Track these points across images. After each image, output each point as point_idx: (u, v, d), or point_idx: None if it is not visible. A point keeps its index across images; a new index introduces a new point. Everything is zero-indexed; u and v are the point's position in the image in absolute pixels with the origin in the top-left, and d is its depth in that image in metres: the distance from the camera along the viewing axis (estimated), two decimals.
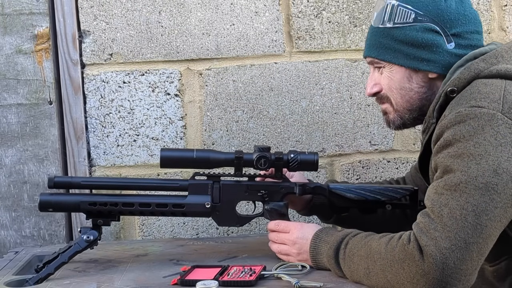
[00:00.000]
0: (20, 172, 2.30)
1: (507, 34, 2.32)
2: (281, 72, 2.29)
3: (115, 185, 1.84)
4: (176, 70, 2.28)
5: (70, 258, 1.75)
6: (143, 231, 2.31)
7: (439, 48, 1.60)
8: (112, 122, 2.28)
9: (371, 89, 1.70)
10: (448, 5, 1.61)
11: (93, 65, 2.28)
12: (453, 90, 1.53)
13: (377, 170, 2.33)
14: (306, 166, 1.77)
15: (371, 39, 1.68)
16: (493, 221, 1.38)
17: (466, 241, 1.37)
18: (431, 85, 1.64)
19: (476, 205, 1.38)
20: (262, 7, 2.27)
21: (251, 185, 1.80)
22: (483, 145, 1.40)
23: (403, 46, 1.62)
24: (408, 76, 1.64)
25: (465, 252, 1.37)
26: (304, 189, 1.81)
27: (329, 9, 2.29)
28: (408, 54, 1.62)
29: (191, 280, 1.60)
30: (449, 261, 1.37)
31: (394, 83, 1.65)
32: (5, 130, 2.29)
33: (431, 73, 1.62)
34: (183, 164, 1.80)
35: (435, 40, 1.60)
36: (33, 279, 1.70)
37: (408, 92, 1.65)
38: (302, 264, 1.68)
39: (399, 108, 1.67)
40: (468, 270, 1.37)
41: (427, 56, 1.61)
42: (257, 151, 1.76)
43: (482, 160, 1.39)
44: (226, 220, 1.81)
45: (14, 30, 2.27)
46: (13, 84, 2.28)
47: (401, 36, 1.62)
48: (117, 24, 2.26)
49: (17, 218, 2.31)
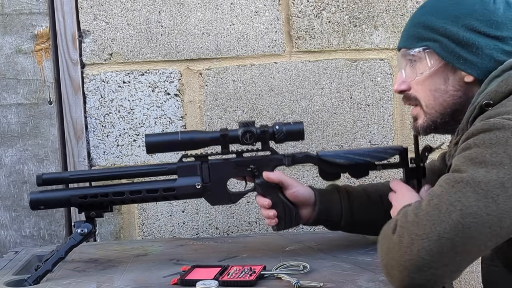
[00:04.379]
0: (20, 172, 2.30)
1: None
2: (281, 72, 2.29)
3: (104, 176, 1.83)
4: (176, 70, 2.28)
5: (67, 253, 1.75)
6: (143, 231, 2.31)
7: (480, 50, 1.51)
8: (112, 122, 2.29)
9: (398, 86, 1.62)
10: (497, 7, 1.52)
11: (93, 65, 2.28)
12: (489, 103, 1.45)
13: (377, 170, 2.33)
14: (292, 136, 1.77)
15: (409, 30, 1.60)
16: (480, 226, 1.33)
17: (439, 235, 1.33)
18: (467, 90, 1.54)
19: (467, 206, 1.33)
20: (262, 7, 2.28)
21: (239, 161, 1.79)
22: (501, 156, 1.35)
23: (443, 38, 1.53)
24: (445, 77, 1.55)
25: (433, 244, 1.33)
26: (294, 159, 1.81)
27: (329, 9, 2.29)
28: (448, 47, 1.53)
29: (191, 280, 1.60)
30: (414, 247, 1.34)
31: (429, 83, 1.57)
32: (5, 130, 2.29)
33: (468, 75, 1.53)
34: (169, 148, 1.78)
35: (476, 40, 1.51)
36: (31, 278, 1.69)
37: (443, 95, 1.56)
38: (303, 264, 1.68)
39: (430, 111, 1.58)
40: (434, 263, 1.33)
41: (466, 55, 1.52)
42: (241, 126, 1.76)
43: (494, 170, 1.34)
44: (218, 199, 1.80)
45: (14, 30, 2.27)
46: (13, 84, 2.28)
47: (441, 29, 1.53)
48: (117, 24, 2.26)
49: (17, 218, 2.31)
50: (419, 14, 1.60)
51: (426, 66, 1.57)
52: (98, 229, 2.29)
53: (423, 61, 1.57)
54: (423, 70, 1.57)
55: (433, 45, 1.55)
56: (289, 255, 1.84)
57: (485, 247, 1.36)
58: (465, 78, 1.53)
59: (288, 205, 1.79)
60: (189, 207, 2.31)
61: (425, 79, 1.57)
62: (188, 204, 2.31)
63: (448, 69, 1.55)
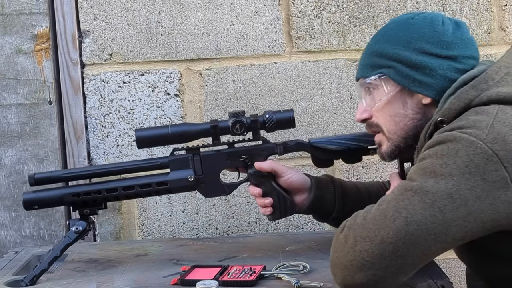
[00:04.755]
0: (20, 172, 2.30)
1: (507, 34, 2.32)
2: (281, 72, 2.29)
3: (96, 173, 1.83)
4: (176, 70, 2.28)
5: (62, 252, 1.75)
6: (143, 231, 2.31)
7: (433, 71, 1.54)
8: (112, 122, 2.28)
9: (360, 115, 1.65)
10: (446, 28, 1.56)
11: (93, 65, 2.28)
12: (443, 120, 1.48)
13: (377, 170, 2.33)
14: (283, 125, 1.77)
15: (364, 60, 1.64)
16: (424, 233, 1.35)
17: (382, 239, 1.36)
18: (426, 111, 1.57)
19: (412, 214, 1.36)
20: (262, 7, 2.28)
21: (231, 151, 1.80)
22: (450, 167, 1.37)
23: (397, 64, 1.57)
24: (403, 101, 1.58)
25: (375, 247, 1.36)
26: (286, 147, 1.81)
27: (329, 9, 2.29)
28: (402, 71, 1.56)
29: (191, 280, 1.60)
30: (357, 248, 1.38)
31: (388, 109, 1.60)
32: (5, 130, 2.29)
33: (425, 97, 1.56)
34: (159, 142, 1.79)
35: (429, 62, 1.54)
36: (27, 278, 1.69)
37: (403, 119, 1.59)
38: (303, 264, 1.68)
39: (392, 137, 1.61)
40: (375, 265, 1.36)
41: (421, 78, 1.55)
42: (231, 116, 1.76)
43: (442, 181, 1.36)
44: (212, 191, 1.80)
45: (14, 30, 2.27)
46: (13, 84, 2.28)
47: (394, 55, 1.57)
48: (117, 24, 2.26)
49: (17, 218, 2.31)
50: (373, 43, 1.64)
51: (384, 93, 1.60)
52: (98, 229, 2.29)
53: (380, 88, 1.60)
54: (381, 97, 1.60)
55: (387, 71, 1.58)
56: (289, 255, 1.84)
57: (430, 252, 1.38)
58: (423, 100, 1.57)
59: (282, 194, 1.79)
60: (189, 207, 2.31)
61: (384, 105, 1.60)
62: (188, 204, 2.31)
63: (405, 93, 1.58)
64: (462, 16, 2.29)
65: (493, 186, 1.36)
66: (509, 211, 1.37)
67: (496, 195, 1.36)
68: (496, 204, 1.36)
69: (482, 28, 2.30)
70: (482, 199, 1.36)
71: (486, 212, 1.36)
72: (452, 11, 2.28)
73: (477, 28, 2.30)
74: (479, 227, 1.37)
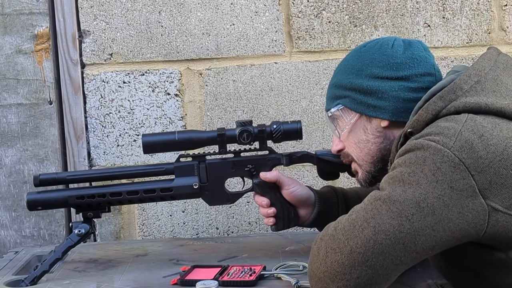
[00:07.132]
0: (20, 172, 2.30)
1: (507, 34, 2.32)
2: (281, 72, 2.29)
3: (101, 177, 1.83)
4: (176, 70, 2.28)
5: (63, 254, 1.75)
6: (143, 231, 2.31)
7: (385, 94, 1.56)
8: (112, 122, 2.29)
9: (335, 147, 1.69)
10: (395, 50, 1.58)
11: (93, 65, 2.28)
12: (412, 132, 1.48)
13: None
14: (290, 136, 1.77)
15: (327, 93, 1.68)
16: (393, 243, 1.35)
17: (351, 249, 1.36)
18: (387, 134, 1.59)
19: (380, 224, 1.36)
20: (262, 7, 2.28)
21: (237, 160, 1.79)
22: (418, 176, 1.37)
23: (351, 92, 1.60)
24: (364, 127, 1.61)
25: (345, 258, 1.36)
26: (291, 158, 1.81)
27: (329, 9, 2.29)
28: (356, 99, 1.59)
29: (191, 280, 1.61)
30: (328, 259, 1.38)
31: (352, 137, 1.63)
32: (5, 130, 2.29)
33: (383, 120, 1.58)
34: (166, 148, 1.78)
35: (380, 86, 1.56)
36: (28, 278, 1.69)
37: (366, 144, 1.61)
38: (303, 264, 1.68)
39: (362, 163, 1.64)
40: (346, 275, 1.36)
41: (375, 102, 1.57)
42: (239, 125, 1.76)
43: (410, 190, 1.36)
44: (216, 199, 1.80)
45: (14, 30, 2.27)
46: (13, 84, 2.28)
47: (348, 84, 1.60)
48: (117, 24, 2.26)
49: (17, 218, 2.31)
50: (333, 76, 1.68)
51: (345, 122, 1.64)
52: (98, 229, 2.29)
53: (342, 118, 1.64)
54: (344, 126, 1.64)
55: (344, 101, 1.62)
56: (289, 255, 1.84)
57: (400, 262, 1.37)
58: (381, 124, 1.59)
59: (286, 205, 1.78)
60: (189, 207, 2.31)
61: (348, 134, 1.64)
62: (188, 204, 2.31)
63: (364, 120, 1.61)
64: (462, 16, 2.29)
65: (461, 194, 1.35)
66: (477, 220, 1.36)
67: (464, 204, 1.35)
68: (464, 213, 1.35)
69: (482, 28, 2.30)
70: (449, 208, 1.35)
71: (455, 221, 1.35)
72: (452, 11, 2.28)
73: (477, 28, 2.29)
74: (448, 236, 1.36)
